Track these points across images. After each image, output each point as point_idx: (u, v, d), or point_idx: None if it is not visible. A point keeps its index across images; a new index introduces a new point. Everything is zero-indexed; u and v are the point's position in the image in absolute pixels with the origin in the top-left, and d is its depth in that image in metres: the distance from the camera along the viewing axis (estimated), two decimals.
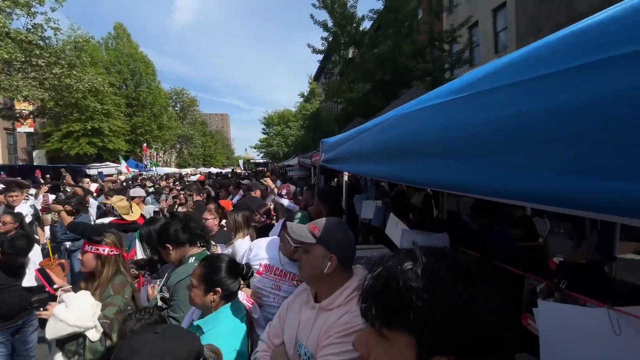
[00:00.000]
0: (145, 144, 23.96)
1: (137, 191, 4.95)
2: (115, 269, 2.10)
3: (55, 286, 2.27)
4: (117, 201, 3.90)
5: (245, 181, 6.60)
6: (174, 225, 2.23)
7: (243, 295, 1.78)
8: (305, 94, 30.57)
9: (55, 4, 12.62)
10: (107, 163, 20.12)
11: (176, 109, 44.14)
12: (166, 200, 6.20)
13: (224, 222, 3.48)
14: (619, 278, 2.60)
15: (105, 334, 1.81)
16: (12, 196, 4.23)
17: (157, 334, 0.95)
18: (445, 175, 0.93)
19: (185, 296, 1.72)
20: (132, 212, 3.90)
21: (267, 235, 2.55)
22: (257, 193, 6.07)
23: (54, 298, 2.05)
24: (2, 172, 10.28)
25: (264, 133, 38.29)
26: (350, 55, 12.85)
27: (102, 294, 1.98)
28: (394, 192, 5.18)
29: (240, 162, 31.75)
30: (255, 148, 40.62)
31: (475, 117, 0.79)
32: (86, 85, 13.98)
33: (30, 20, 12.16)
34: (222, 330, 1.47)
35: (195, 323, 1.52)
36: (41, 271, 2.38)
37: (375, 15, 11.55)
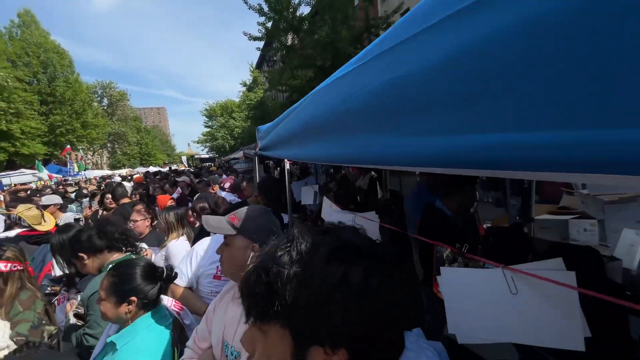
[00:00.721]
0: (68, 145, 21.31)
1: (50, 198, 4.32)
2: (20, 284, 1.86)
3: None
4: (25, 210, 3.37)
5: (183, 178, 6.16)
6: (87, 231, 1.97)
7: (170, 302, 1.60)
8: (248, 82, 29.48)
9: None
10: (22, 170, 17.48)
11: (103, 104, 39.93)
12: (90, 207, 5.53)
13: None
14: (537, 237, 2.92)
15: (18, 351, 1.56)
16: None
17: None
18: (345, 150, 0.88)
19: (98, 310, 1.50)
20: (44, 222, 3.40)
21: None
22: (215, 188, 5.73)
23: None
24: None
25: (206, 126, 36.23)
26: (289, 42, 12.58)
27: (9, 313, 1.77)
28: (339, 176, 5.24)
29: (184, 158, 29.94)
30: (198, 142, 38.31)
31: (358, 88, 0.75)
32: None
33: None
34: (138, 344, 1.29)
35: (108, 340, 1.32)
36: None
37: (312, 1, 11.39)
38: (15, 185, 11.79)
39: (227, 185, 5.75)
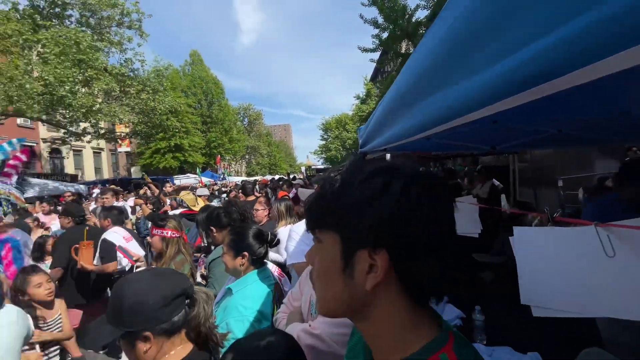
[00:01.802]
0: (218, 156, 26.39)
1: (202, 190, 5.58)
2: (176, 249, 2.41)
3: (134, 259, 2.98)
4: (185, 195, 4.52)
5: (297, 180, 6.82)
6: (216, 210, 2.44)
7: (274, 268, 1.85)
8: (361, 95, 30.42)
9: (141, 40, 14.83)
10: (188, 175, 22.64)
11: (244, 123, 47.77)
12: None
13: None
14: None
15: None
16: (105, 198, 5.06)
17: (151, 272, 1.06)
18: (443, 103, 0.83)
19: (219, 273, 1.88)
20: (197, 204, 4.42)
21: None
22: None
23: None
24: (106, 184, 12.29)
25: (322, 139, 39.03)
26: (403, 50, 12.41)
27: None
28: (444, 167, 4.83)
29: (302, 168, 32.91)
30: (315, 154, 41.66)
31: None
32: (167, 106, 16.00)
33: (123, 56, 14.46)
34: (249, 292, 1.60)
35: (227, 287, 1.68)
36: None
37: (431, 4, 10.96)
38: (181, 183, 15.42)
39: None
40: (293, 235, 2.37)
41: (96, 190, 10.22)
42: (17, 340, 1.60)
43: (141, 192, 8.23)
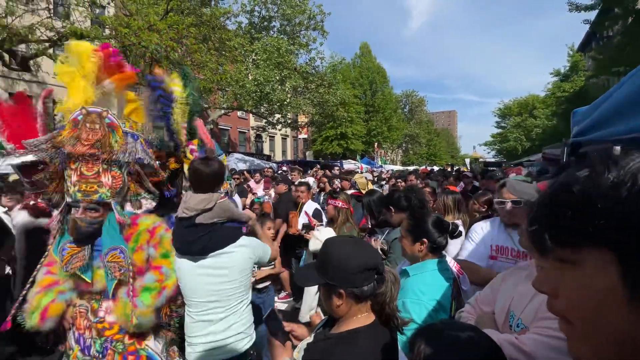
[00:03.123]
0: (376, 143, 27.34)
1: (368, 175, 6.03)
2: (345, 218, 3.20)
3: (315, 222, 3.74)
4: (359, 178, 5.10)
5: (466, 173, 6.24)
6: (398, 193, 2.59)
7: (453, 263, 1.79)
8: (563, 70, 24.05)
9: (322, 38, 16.90)
10: (349, 160, 24.65)
11: (405, 110, 47.14)
12: (388, 188, 7.11)
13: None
14: None
15: None
16: (293, 175, 6.25)
17: (353, 239, 1.23)
18: None
19: (399, 250, 1.97)
20: (367, 188, 4.90)
21: None
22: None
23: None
24: (289, 164, 14.98)
25: (497, 127, 33.56)
26: None
27: (339, 233, 3.03)
28: None
29: (467, 160, 29.63)
30: (485, 145, 36.42)
31: None
32: (338, 98, 17.72)
33: (308, 56, 16.91)
34: (427, 278, 1.60)
35: (402, 268, 1.72)
36: None
37: None
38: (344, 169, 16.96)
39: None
40: (474, 233, 2.20)
41: (284, 168, 12.60)
42: (248, 262, 1.84)
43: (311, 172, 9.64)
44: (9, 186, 3.82)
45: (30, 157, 1.99)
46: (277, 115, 17.13)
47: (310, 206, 4.33)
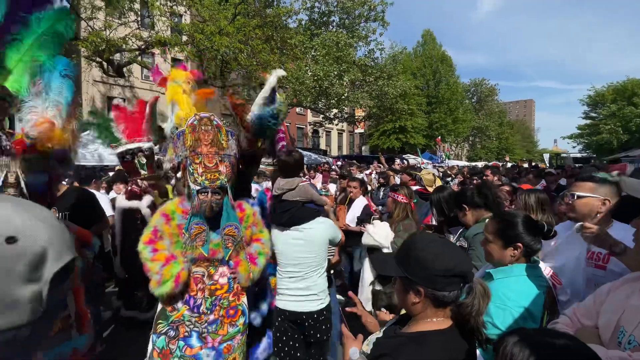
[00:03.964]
0: (439, 138, 25.79)
1: (431, 170, 5.70)
2: (405, 214, 3.07)
3: (375, 207, 3.84)
4: (425, 174, 4.76)
5: (549, 170, 5.55)
6: (470, 190, 2.42)
7: (548, 271, 1.63)
8: None
9: (382, 29, 16.47)
10: (409, 155, 23.72)
11: (472, 100, 43.60)
12: (457, 184, 6.75)
13: None
14: None
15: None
16: (351, 169, 6.28)
17: (443, 239, 1.15)
18: None
19: (481, 247, 1.82)
20: (434, 185, 4.56)
21: None
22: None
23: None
24: (345, 160, 15.01)
25: (586, 117, 29.19)
26: None
27: (395, 228, 3.00)
28: None
29: (546, 156, 26.36)
30: (570, 138, 31.96)
31: None
32: (398, 90, 17.15)
33: (367, 48, 16.62)
34: (514, 283, 1.46)
35: (487, 270, 1.59)
36: None
37: None
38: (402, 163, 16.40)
39: None
40: (565, 237, 1.99)
41: (338, 163, 12.69)
42: (324, 238, 2.28)
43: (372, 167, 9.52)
44: (120, 175, 4.55)
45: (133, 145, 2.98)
46: (334, 110, 17.24)
47: (360, 202, 4.31)
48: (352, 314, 1.44)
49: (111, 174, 6.16)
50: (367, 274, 3.16)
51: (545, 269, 1.61)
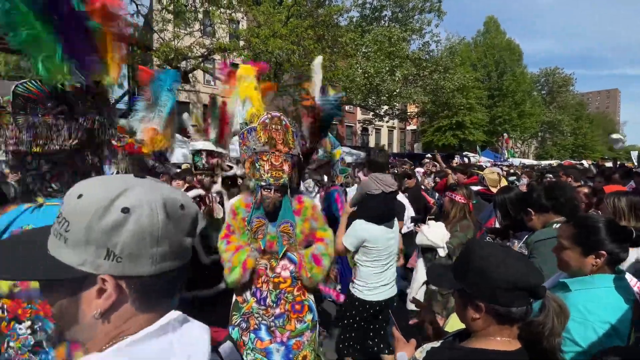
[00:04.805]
0: (505, 135, 23.59)
1: (495, 169, 5.28)
2: (462, 215, 2.90)
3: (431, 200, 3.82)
4: (489, 173, 4.42)
5: None
6: (537, 191, 2.18)
7: (635, 282, 1.43)
8: None
9: (438, 20, 15.63)
10: (466, 153, 22.16)
11: (542, 92, 39.27)
12: (525, 185, 6.37)
13: None
14: None
15: (449, 256, 2.68)
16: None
17: (506, 248, 1.03)
18: None
19: (549, 254, 1.62)
20: (499, 185, 4.22)
21: None
22: None
23: None
24: (396, 157, 14.59)
25: None
26: None
27: (452, 229, 2.86)
28: None
29: (634, 154, 22.73)
30: None
31: None
32: (455, 84, 16.16)
33: (421, 41, 15.91)
34: (595, 295, 1.28)
35: (560, 280, 1.42)
36: None
37: None
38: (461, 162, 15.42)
39: None
40: None
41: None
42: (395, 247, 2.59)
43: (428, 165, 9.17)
44: (178, 173, 5.04)
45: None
46: (385, 107, 16.82)
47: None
48: (402, 311, 1.37)
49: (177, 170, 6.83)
50: (421, 273, 3.08)
51: (631, 280, 1.40)
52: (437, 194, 5.50)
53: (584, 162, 21.53)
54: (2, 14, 1.02)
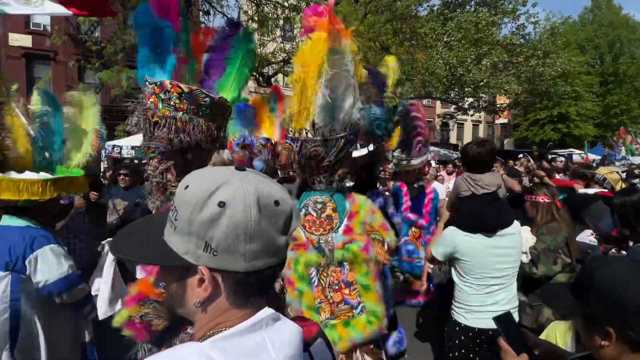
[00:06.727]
0: (622, 128, 19.59)
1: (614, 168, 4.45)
2: (550, 215, 2.48)
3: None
4: (608, 173, 3.86)
5: None
6: None
7: None
8: None
9: None
10: (571, 150, 18.99)
11: None
12: None
13: None
14: None
15: (532, 261, 2.32)
16: None
17: (635, 263, 0.87)
18: None
19: None
20: (617, 187, 3.63)
21: None
22: None
23: None
24: None
25: None
26: None
27: (537, 232, 2.47)
28: None
29: None
30: None
31: None
32: (558, 70, 14.02)
33: (514, 24, 14.16)
34: None
35: None
36: None
37: None
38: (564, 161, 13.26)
39: None
40: None
41: None
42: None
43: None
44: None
45: None
46: (470, 99, 15.43)
47: None
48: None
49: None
50: None
51: None
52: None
53: None
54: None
